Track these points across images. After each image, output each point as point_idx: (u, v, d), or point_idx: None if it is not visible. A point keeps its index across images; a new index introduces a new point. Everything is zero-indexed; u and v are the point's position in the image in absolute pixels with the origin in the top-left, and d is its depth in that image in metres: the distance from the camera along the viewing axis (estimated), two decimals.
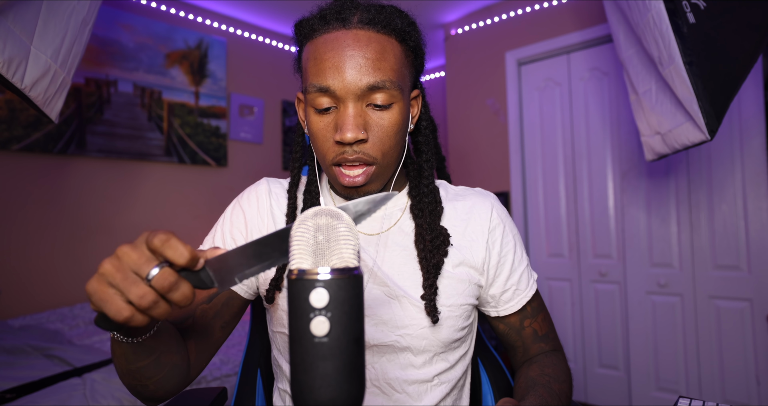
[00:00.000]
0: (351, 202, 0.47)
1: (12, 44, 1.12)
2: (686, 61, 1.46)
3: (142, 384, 0.60)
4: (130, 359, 0.56)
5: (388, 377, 0.72)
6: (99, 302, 0.43)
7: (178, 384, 0.65)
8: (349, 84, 0.65)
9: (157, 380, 0.60)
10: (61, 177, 2.60)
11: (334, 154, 0.69)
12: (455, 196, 0.83)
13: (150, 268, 0.43)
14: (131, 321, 0.43)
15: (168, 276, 0.43)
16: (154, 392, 0.62)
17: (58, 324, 2.29)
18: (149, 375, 0.59)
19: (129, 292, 0.42)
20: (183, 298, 0.44)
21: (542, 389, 0.70)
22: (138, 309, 0.43)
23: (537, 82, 2.99)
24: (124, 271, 0.43)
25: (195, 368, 0.70)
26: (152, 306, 0.43)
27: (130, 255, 0.43)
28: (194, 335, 0.70)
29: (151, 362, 0.58)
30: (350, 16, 0.68)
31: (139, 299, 0.42)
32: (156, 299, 0.43)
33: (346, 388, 0.39)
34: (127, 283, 0.42)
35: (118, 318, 0.42)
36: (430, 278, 0.71)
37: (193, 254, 0.43)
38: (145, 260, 0.43)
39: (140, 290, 0.42)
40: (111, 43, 2.75)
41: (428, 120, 0.81)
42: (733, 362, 2.23)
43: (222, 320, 0.74)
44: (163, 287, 0.43)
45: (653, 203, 2.50)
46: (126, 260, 0.43)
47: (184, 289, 0.44)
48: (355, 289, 0.40)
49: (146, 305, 0.42)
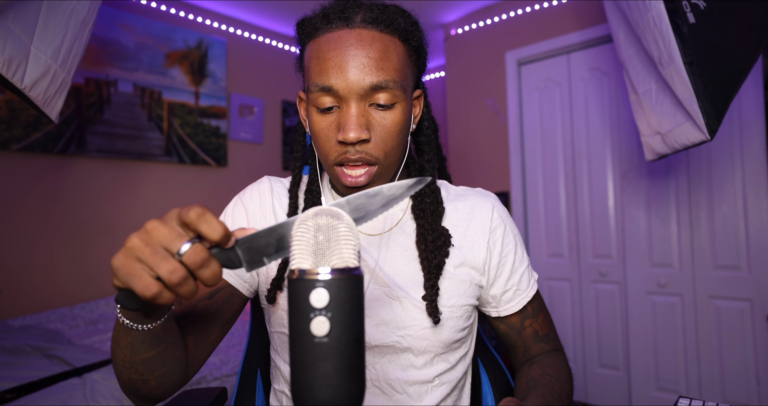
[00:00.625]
0: (385, 185, 0.46)
1: (12, 44, 1.12)
2: (686, 61, 1.46)
3: (143, 379, 0.58)
4: (137, 349, 0.54)
5: (388, 377, 0.72)
6: (126, 277, 0.41)
7: (178, 381, 0.63)
8: (352, 84, 0.65)
9: (160, 375, 0.58)
10: (61, 177, 2.60)
11: (336, 154, 0.68)
12: (456, 196, 0.83)
13: (181, 243, 0.41)
14: (158, 298, 0.41)
15: (200, 252, 0.41)
16: (154, 389, 0.60)
17: (58, 324, 2.29)
18: (153, 369, 0.57)
19: (159, 267, 0.41)
20: (212, 276, 0.43)
21: (544, 389, 0.70)
22: (166, 286, 0.42)
23: (537, 82, 2.99)
24: (153, 246, 0.41)
25: (192, 367, 0.68)
26: (181, 282, 0.41)
27: (160, 230, 0.42)
28: (194, 332, 0.68)
29: (157, 353, 0.56)
30: (353, 15, 0.68)
31: (169, 274, 0.41)
32: (186, 276, 0.41)
33: (346, 388, 0.39)
34: (157, 258, 0.41)
35: (145, 294, 0.41)
36: (431, 279, 0.71)
37: (227, 230, 0.42)
38: (176, 235, 0.42)
39: (171, 265, 0.41)
40: (111, 43, 2.75)
41: (430, 120, 0.81)
42: (733, 362, 2.23)
43: (222, 318, 0.73)
44: (195, 263, 0.41)
45: (653, 203, 2.50)
46: (156, 235, 0.42)
47: (214, 266, 0.43)
48: (356, 289, 0.40)
49: (176, 281, 0.41)
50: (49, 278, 2.54)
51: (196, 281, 0.43)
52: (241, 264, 0.45)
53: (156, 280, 0.41)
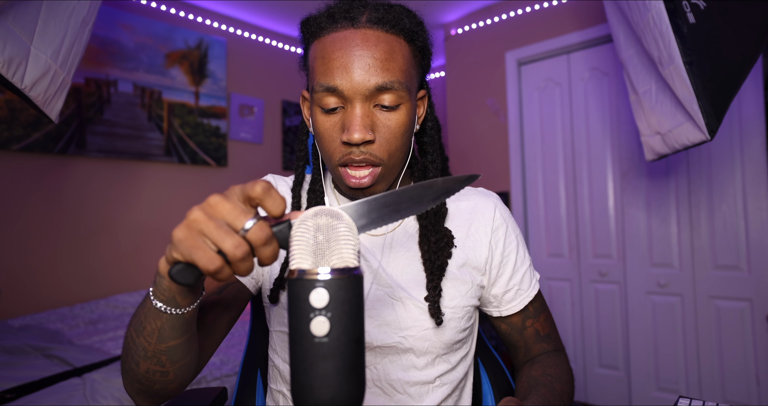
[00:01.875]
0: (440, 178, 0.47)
1: (12, 44, 1.12)
2: (686, 61, 1.46)
3: (163, 370, 0.57)
4: (164, 335, 0.53)
5: (390, 378, 0.72)
6: (189, 250, 0.41)
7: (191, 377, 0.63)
8: (357, 84, 0.65)
9: (180, 366, 0.58)
10: (61, 177, 2.60)
11: (340, 155, 0.68)
12: (458, 196, 0.83)
13: (247, 219, 0.41)
14: (220, 273, 0.41)
15: (265, 229, 0.41)
16: (170, 383, 0.59)
17: (58, 324, 2.29)
18: (176, 359, 0.56)
19: (224, 241, 0.40)
20: (273, 254, 0.42)
21: (545, 389, 0.70)
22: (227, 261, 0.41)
23: (537, 82, 2.99)
24: (217, 220, 0.41)
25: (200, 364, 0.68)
26: (244, 258, 0.41)
27: (224, 205, 0.41)
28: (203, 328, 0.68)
29: (183, 341, 0.55)
30: (359, 15, 0.67)
31: (234, 248, 0.40)
32: (249, 251, 0.41)
33: (346, 388, 0.39)
34: (222, 232, 0.40)
35: (209, 267, 0.40)
36: (434, 280, 0.71)
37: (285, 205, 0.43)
38: (240, 211, 0.41)
39: (235, 239, 0.40)
40: (111, 43, 2.75)
41: (433, 120, 0.81)
42: (733, 362, 2.23)
43: (230, 315, 0.72)
44: (259, 239, 0.41)
45: (653, 203, 2.50)
46: (220, 209, 0.41)
47: (275, 245, 0.42)
48: (355, 289, 0.40)
49: (240, 256, 0.40)
50: (49, 278, 2.54)
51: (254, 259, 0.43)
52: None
53: (218, 254, 0.41)
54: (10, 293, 2.40)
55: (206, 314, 0.69)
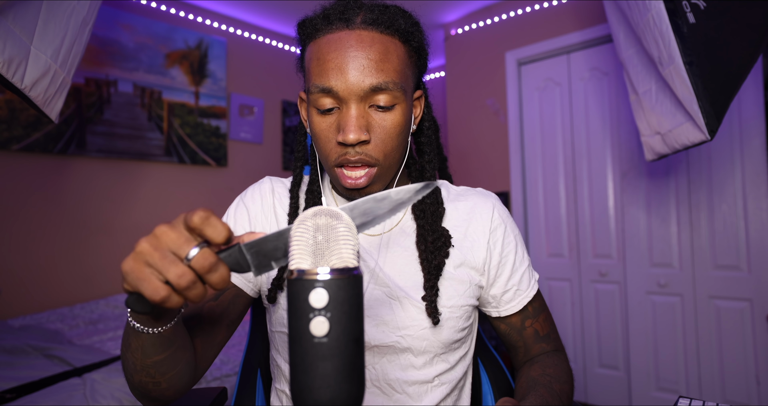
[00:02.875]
0: (393, 189, 0.47)
1: (12, 44, 1.12)
2: (686, 61, 1.46)
3: (155, 381, 0.58)
4: (147, 352, 0.54)
5: (388, 377, 0.72)
6: (135, 281, 0.42)
7: (188, 383, 0.64)
8: (352, 85, 0.65)
9: (171, 377, 0.59)
10: (61, 177, 2.60)
11: (336, 155, 0.68)
12: (457, 196, 0.83)
13: (190, 248, 0.42)
14: (167, 302, 0.42)
15: (208, 256, 0.42)
16: (165, 391, 0.60)
17: (58, 324, 2.29)
18: (164, 371, 0.57)
19: (168, 271, 0.41)
20: (221, 279, 0.43)
21: (543, 389, 0.70)
22: (175, 290, 0.42)
23: (537, 82, 2.99)
24: (162, 250, 0.42)
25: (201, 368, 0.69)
26: (190, 286, 0.42)
27: (169, 234, 0.42)
28: (201, 334, 0.69)
29: (168, 355, 0.56)
30: (354, 16, 0.67)
31: (178, 278, 0.41)
32: (194, 280, 0.42)
33: (345, 388, 0.39)
34: (166, 262, 0.41)
35: (154, 298, 0.41)
36: (431, 280, 0.71)
37: (230, 232, 0.43)
38: (184, 239, 0.42)
39: (179, 269, 0.41)
40: (111, 43, 2.75)
41: (431, 120, 0.81)
42: (733, 362, 2.23)
43: (228, 319, 0.73)
44: (203, 267, 0.42)
45: (653, 203, 2.50)
46: (164, 239, 0.42)
47: (222, 271, 0.43)
48: (355, 289, 0.40)
49: (185, 285, 0.41)
50: (49, 278, 2.54)
51: (204, 285, 0.44)
52: (250, 268, 0.46)
53: (165, 284, 0.42)
54: (10, 293, 2.40)
55: (203, 320, 0.70)
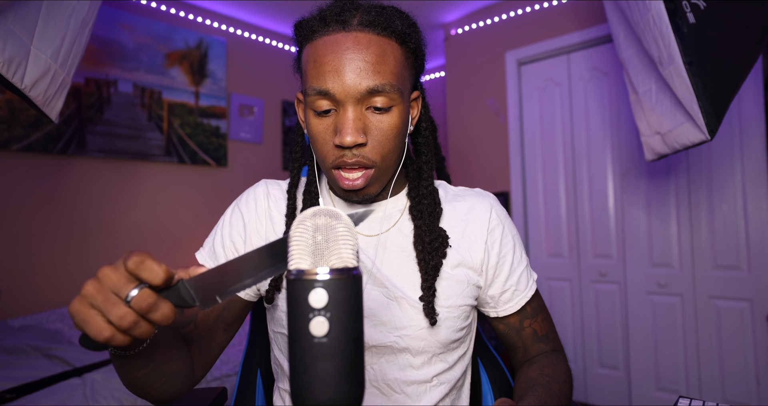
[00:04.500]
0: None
1: (12, 44, 1.12)
2: (686, 61, 1.46)
3: (144, 391, 0.61)
4: (127, 370, 0.57)
5: (386, 377, 0.72)
6: (81, 323, 0.43)
7: (182, 388, 0.65)
8: (348, 87, 0.65)
9: (158, 388, 0.61)
10: (61, 177, 2.60)
11: (333, 157, 0.68)
12: (455, 196, 0.83)
13: (129, 289, 0.43)
14: (112, 341, 0.44)
15: (146, 297, 0.43)
16: (158, 397, 0.63)
17: (58, 324, 2.29)
18: (149, 383, 0.60)
19: (109, 313, 0.43)
20: (163, 318, 0.44)
21: (541, 390, 0.70)
22: (119, 329, 0.44)
23: (537, 82, 2.99)
24: (104, 292, 0.43)
25: (200, 370, 0.70)
26: (132, 327, 0.43)
27: (111, 277, 0.44)
28: (197, 339, 0.70)
29: (149, 371, 0.58)
30: (350, 18, 0.67)
31: (119, 320, 0.43)
32: (136, 320, 0.43)
33: (345, 388, 0.39)
34: (108, 304, 0.43)
35: (98, 338, 0.43)
36: (428, 280, 0.71)
37: (169, 273, 0.44)
38: (124, 281, 0.43)
39: (120, 311, 0.43)
40: (111, 43, 2.75)
41: (428, 121, 0.80)
42: (733, 362, 2.23)
43: (224, 322, 0.74)
44: (142, 309, 0.43)
45: (653, 203, 2.50)
46: (106, 282, 0.44)
47: (164, 309, 0.44)
48: (354, 289, 0.40)
49: (126, 326, 0.43)
50: (49, 278, 2.54)
51: (149, 322, 0.45)
52: (195, 302, 0.46)
53: (109, 324, 0.43)
54: (10, 293, 2.40)
55: (198, 326, 0.71)
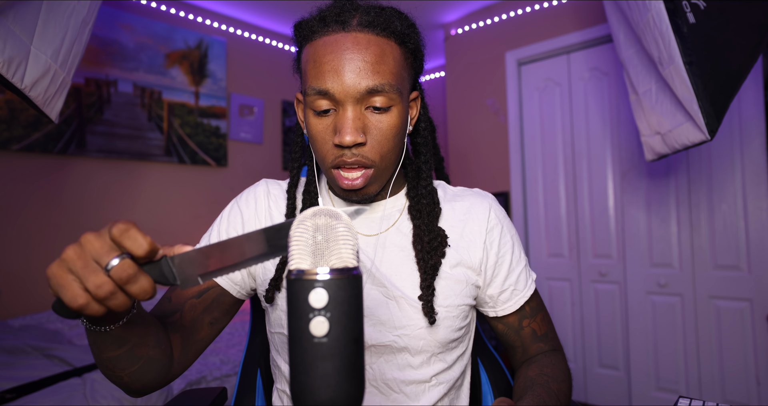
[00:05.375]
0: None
1: (12, 44, 1.12)
2: (686, 61, 1.46)
3: (116, 375, 0.59)
4: (99, 348, 0.55)
5: (385, 377, 0.72)
6: (56, 287, 0.43)
7: (156, 379, 0.64)
8: (348, 87, 0.65)
9: (130, 373, 0.59)
10: (61, 177, 2.60)
11: (333, 157, 0.69)
12: (453, 196, 0.83)
13: (110, 258, 0.42)
14: (86, 309, 0.43)
15: (127, 268, 0.42)
16: (130, 384, 0.61)
17: (58, 324, 2.29)
18: (122, 367, 0.58)
19: (87, 280, 0.42)
20: (141, 291, 0.43)
21: (540, 389, 0.70)
22: (94, 298, 0.43)
23: (537, 82, 2.99)
24: (85, 259, 0.42)
25: (180, 364, 0.69)
26: (109, 296, 0.42)
27: (93, 243, 0.43)
28: (181, 330, 0.69)
29: (122, 353, 0.57)
30: (350, 18, 0.68)
31: (96, 288, 0.42)
32: (113, 290, 0.42)
33: (345, 388, 0.39)
34: (87, 271, 0.42)
35: (72, 305, 0.42)
36: (427, 279, 0.72)
37: (153, 246, 0.43)
38: (107, 249, 0.42)
39: (98, 279, 0.42)
40: (111, 43, 2.75)
41: (427, 121, 0.81)
42: (733, 362, 2.23)
43: (211, 316, 0.73)
44: (121, 279, 0.42)
45: (653, 203, 2.50)
46: (88, 248, 0.43)
47: (143, 282, 0.43)
48: (355, 289, 0.40)
49: (102, 295, 0.42)
50: None
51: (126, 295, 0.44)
52: (176, 280, 0.46)
53: (84, 292, 0.42)
54: (10, 293, 2.40)
55: (184, 316, 0.70)
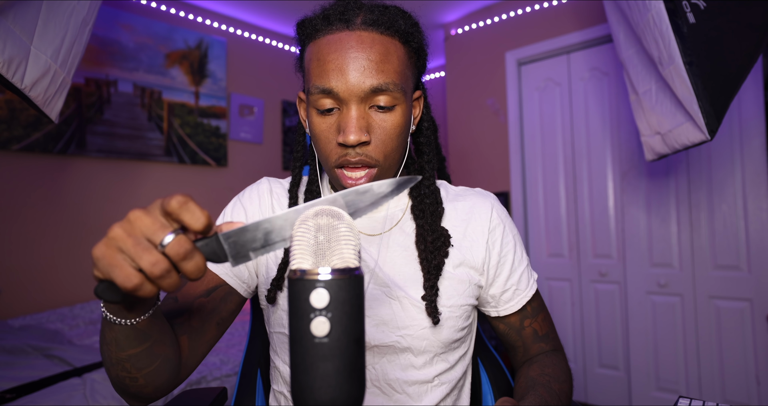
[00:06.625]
0: (375, 183, 0.46)
1: (12, 44, 1.12)
2: (686, 61, 1.46)
3: (131, 376, 0.57)
4: (122, 344, 0.53)
5: (388, 377, 0.72)
6: (107, 268, 0.40)
7: (169, 381, 0.62)
8: (352, 86, 0.65)
9: (148, 373, 0.57)
10: (61, 177, 2.60)
11: (336, 156, 0.68)
12: (455, 196, 0.83)
13: (164, 234, 0.40)
14: (139, 290, 0.40)
15: (184, 243, 0.40)
16: (143, 387, 0.58)
17: (58, 324, 2.29)
18: (140, 366, 0.56)
19: (141, 258, 0.40)
20: (196, 268, 0.42)
21: (542, 389, 0.70)
22: (148, 278, 0.41)
23: (537, 82, 2.99)
24: (135, 236, 0.40)
25: (187, 366, 0.67)
26: (164, 275, 0.40)
27: (143, 220, 0.41)
28: (189, 330, 0.67)
29: (143, 350, 0.55)
30: (354, 17, 0.67)
31: (151, 266, 0.40)
32: (168, 268, 0.40)
33: (346, 388, 0.39)
34: (139, 249, 0.40)
35: (126, 285, 0.40)
36: (431, 279, 0.71)
37: (209, 220, 0.41)
38: (159, 225, 0.41)
39: (152, 256, 0.40)
40: (111, 43, 2.75)
41: (430, 121, 0.81)
42: (733, 362, 2.23)
43: (219, 316, 0.72)
44: (178, 255, 0.40)
45: (653, 203, 2.50)
46: (138, 225, 0.40)
47: (197, 259, 0.42)
48: (356, 289, 0.40)
49: (158, 273, 0.40)
50: (49, 278, 2.54)
51: (179, 274, 0.42)
52: (227, 258, 0.44)
53: (137, 271, 0.40)
54: (10, 293, 2.40)
55: (192, 317, 0.69)
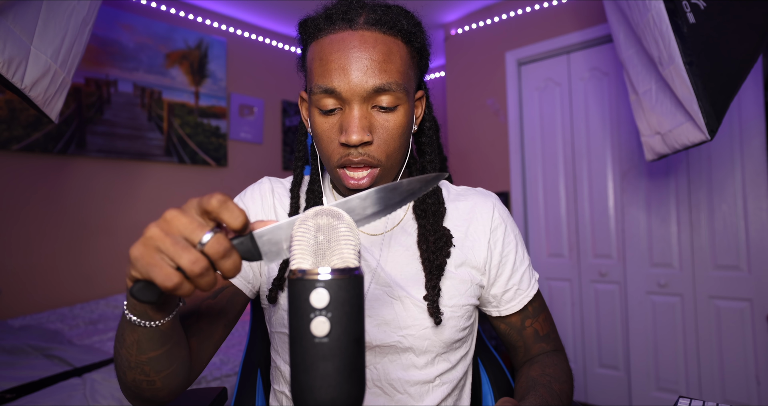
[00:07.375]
0: (405, 180, 0.47)
1: (12, 44, 1.12)
2: (686, 61, 1.46)
3: (149, 380, 0.56)
4: (143, 347, 0.53)
5: (390, 377, 0.72)
6: (146, 268, 0.40)
7: (183, 383, 0.62)
8: (355, 86, 0.65)
9: (166, 375, 0.57)
10: (61, 177, 2.60)
11: (338, 156, 0.68)
12: (457, 196, 0.83)
13: (203, 233, 0.41)
14: (179, 289, 0.40)
15: (223, 241, 0.41)
16: (159, 391, 0.58)
17: (58, 324, 2.29)
18: (159, 369, 0.56)
19: (180, 257, 0.40)
20: (233, 266, 0.42)
21: (543, 389, 0.70)
22: (186, 277, 0.41)
23: (537, 82, 2.99)
24: (173, 235, 0.40)
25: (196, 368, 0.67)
26: (203, 273, 0.40)
27: (181, 219, 0.41)
28: (197, 332, 0.68)
29: (164, 352, 0.54)
30: (356, 16, 0.67)
31: (191, 264, 0.40)
32: (207, 266, 0.41)
33: (346, 388, 0.39)
34: (179, 248, 0.40)
35: (166, 284, 0.40)
36: (433, 279, 0.71)
37: (247, 219, 0.42)
38: (197, 224, 0.41)
39: (192, 255, 0.40)
40: (111, 43, 2.75)
41: (432, 121, 0.81)
42: (733, 362, 2.23)
43: (226, 318, 0.72)
44: (217, 253, 0.41)
45: (653, 203, 2.50)
46: (176, 224, 0.41)
47: (235, 257, 0.42)
48: (356, 289, 0.40)
49: (198, 272, 0.40)
50: (49, 278, 2.54)
51: (215, 273, 0.43)
52: (260, 256, 0.45)
53: (177, 270, 0.40)
54: (10, 293, 2.40)
55: (201, 319, 0.69)
